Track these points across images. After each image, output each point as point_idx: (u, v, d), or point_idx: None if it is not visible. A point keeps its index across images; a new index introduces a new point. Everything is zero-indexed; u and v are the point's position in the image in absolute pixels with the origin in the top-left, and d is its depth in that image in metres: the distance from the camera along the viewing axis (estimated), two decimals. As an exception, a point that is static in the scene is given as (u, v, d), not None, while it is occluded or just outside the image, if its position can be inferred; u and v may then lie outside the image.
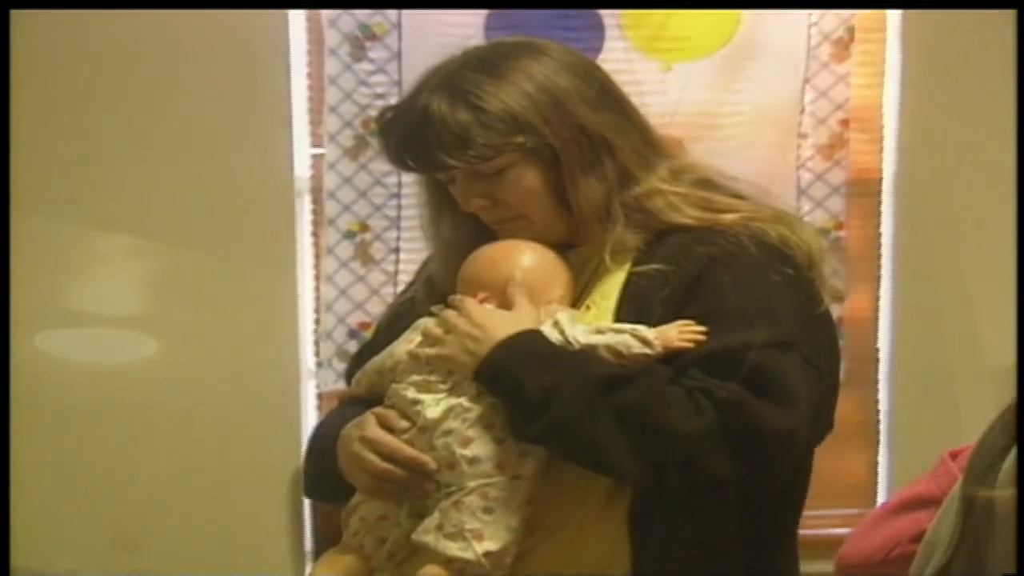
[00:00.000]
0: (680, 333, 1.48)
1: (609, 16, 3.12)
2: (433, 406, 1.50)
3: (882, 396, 3.37)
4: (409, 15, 3.09)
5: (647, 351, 1.47)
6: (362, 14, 3.09)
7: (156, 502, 3.17)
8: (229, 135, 3.11)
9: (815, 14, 3.15)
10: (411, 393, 1.53)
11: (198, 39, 3.07)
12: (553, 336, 1.50)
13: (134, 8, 2.98)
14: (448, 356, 1.51)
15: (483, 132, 1.55)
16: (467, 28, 3.03)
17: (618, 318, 1.54)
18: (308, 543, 3.24)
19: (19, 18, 2.61)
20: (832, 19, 3.17)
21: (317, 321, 3.23)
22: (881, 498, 3.35)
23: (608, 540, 1.51)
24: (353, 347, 3.09)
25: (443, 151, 1.55)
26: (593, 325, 1.52)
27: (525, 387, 1.44)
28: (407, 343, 1.58)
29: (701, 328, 1.48)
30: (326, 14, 3.10)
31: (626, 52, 3.12)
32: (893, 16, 3.23)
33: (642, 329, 1.49)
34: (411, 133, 1.58)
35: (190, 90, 3.10)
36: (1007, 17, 2.79)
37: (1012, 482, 1.17)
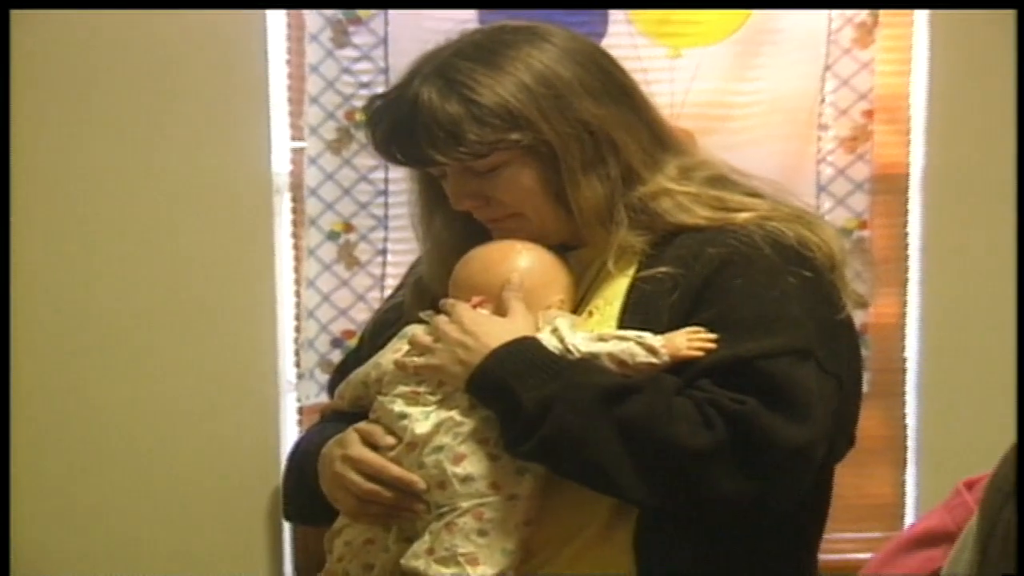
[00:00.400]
0: (689, 340, 1.48)
1: (614, -2, 3.13)
2: (422, 420, 1.51)
3: (909, 410, 3.38)
4: (397, -3, 3.10)
5: (653, 360, 1.48)
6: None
7: (125, 524, 3.18)
8: (201, 128, 3.12)
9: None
10: (398, 406, 1.53)
11: (169, 23, 3.07)
12: (551, 344, 1.50)
13: (125, 8, 2.99)
14: (438, 366, 1.51)
15: (475, 127, 1.55)
16: (459, 12, 3.03)
17: (622, 324, 1.54)
18: (288, 569, 3.25)
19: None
20: (854, 1, 3.18)
21: (298, 329, 3.23)
22: (908, 520, 3.35)
23: (612, 563, 1.51)
24: (336, 357, 3.09)
25: (431, 146, 1.56)
26: (595, 332, 1.53)
27: (521, 399, 1.44)
28: (394, 352, 1.58)
29: (711, 335, 1.49)
30: (307, -4, 3.11)
31: (632, 37, 3.13)
32: (921, -2, 3.24)
33: (648, 336, 1.49)
34: (400, 124, 1.59)
35: (158, 79, 3.10)
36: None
37: None
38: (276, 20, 3.15)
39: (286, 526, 3.21)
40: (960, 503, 1.52)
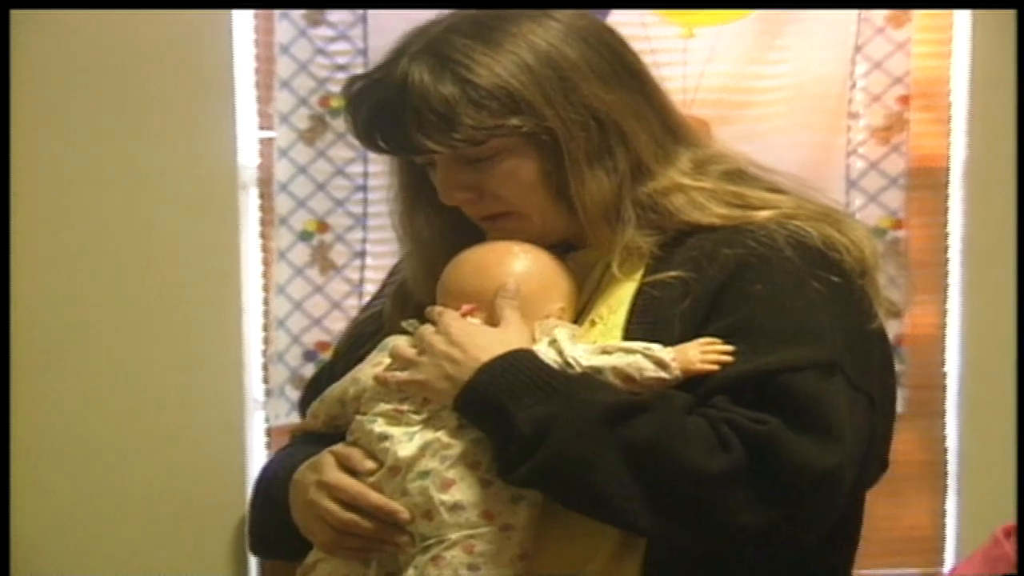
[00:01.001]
0: (702, 353, 1.49)
1: (620, -29, 3.14)
2: (405, 442, 1.51)
3: (949, 431, 3.38)
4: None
5: (662, 375, 1.48)
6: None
7: (73, 557, 3.17)
8: (158, 117, 3.12)
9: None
10: (379, 426, 1.53)
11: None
12: (549, 357, 1.50)
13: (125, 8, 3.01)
14: (422, 381, 1.52)
15: (471, 111, 1.55)
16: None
17: (628, 335, 1.55)
18: (255, 609, 3.25)
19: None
20: (889, -26, 3.18)
21: (266, 341, 3.23)
22: (949, 554, 3.36)
23: (617, 602, 1.52)
24: (309, 371, 3.10)
25: (422, 131, 1.56)
26: (598, 344, 1.53)
27: (515, 419, 1.45)
28: (374, 366, 1.59)
29: (727, 347, 1.49)
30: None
31: (639, 15, 3.13)
32: (962, -30, 3.24)
33: (657, 348, 1.49)
34: (385, 107, 1.59)
35: (111, 62, 3.10)
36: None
37: None
38: (242, -5, 3.16)
39: (252, 561, 3.21)
40: (1000, 555, 1.52)
